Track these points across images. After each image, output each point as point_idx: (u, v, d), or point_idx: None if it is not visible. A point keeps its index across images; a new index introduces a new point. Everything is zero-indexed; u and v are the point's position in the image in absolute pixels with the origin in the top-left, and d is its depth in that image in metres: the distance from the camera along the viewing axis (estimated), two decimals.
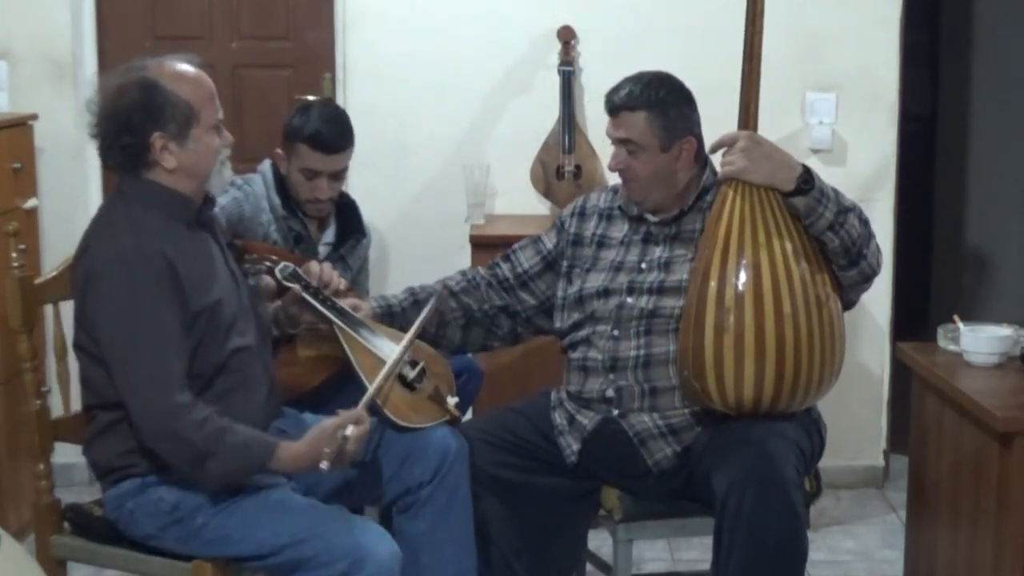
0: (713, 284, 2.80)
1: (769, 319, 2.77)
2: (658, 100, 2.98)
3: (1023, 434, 2.81)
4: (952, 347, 3.25)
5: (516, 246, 3.23)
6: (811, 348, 2.81)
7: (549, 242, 3.19)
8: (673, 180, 3.02)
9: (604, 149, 4.28)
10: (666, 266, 2.99)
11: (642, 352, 2.95)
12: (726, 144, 2.88)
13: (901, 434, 4.10)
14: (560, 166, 4.30)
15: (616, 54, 4.38)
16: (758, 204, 2.83)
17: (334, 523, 2.61)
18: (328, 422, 2.66)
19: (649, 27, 4.38)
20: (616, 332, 2.98)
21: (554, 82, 4.31)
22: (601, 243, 3.11)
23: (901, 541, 3.56)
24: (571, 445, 3.01)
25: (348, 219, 3.69)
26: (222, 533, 2.64)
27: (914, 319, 5.23)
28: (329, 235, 3.64)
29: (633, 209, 3.08)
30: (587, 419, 3.00)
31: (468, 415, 3.71)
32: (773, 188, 2.82)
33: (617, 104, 3.00)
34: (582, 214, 3.18)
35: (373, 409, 2.83)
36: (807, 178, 2.82)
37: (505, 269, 3.19)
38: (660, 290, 2.97)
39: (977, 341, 3.16)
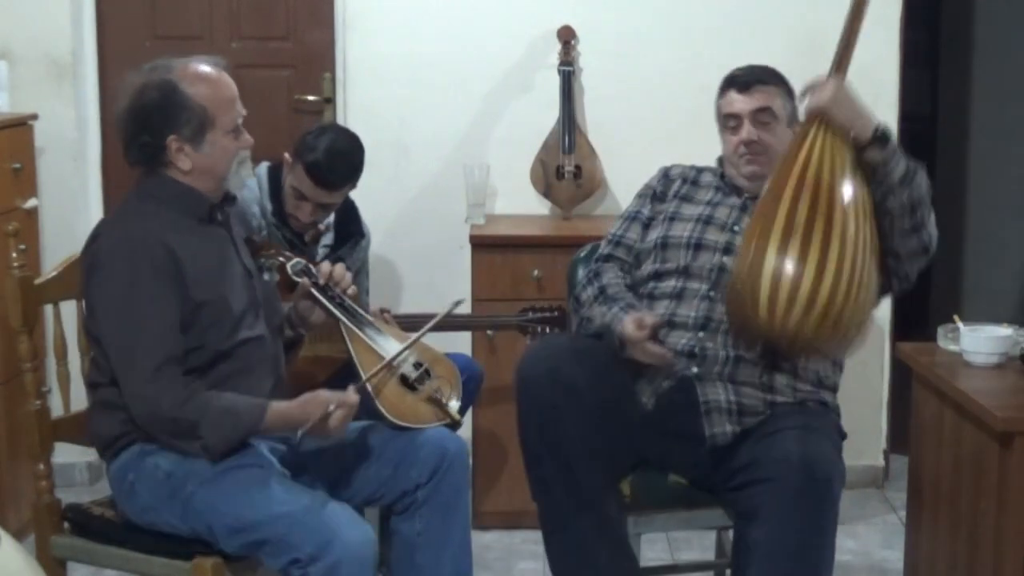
0: (786, 203, 2.78)
1: (835, 241, 2.73)
2: (783, 81, 3.14)
3: (1023, 434, 2.82)
4: (952, 347, 3.25)
5: (620, 231, 3.20)
6: (860, 289, 2.76)
7: (646, 210, 3.20)
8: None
9: (604, 149, 4.32)
10: None
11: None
12: (816, 85, 2.91)
13: (901, 434, 4.10)
14: (560, 166, 4.30)
15: (616, 54, 4.40)
16: (836, 144, 2.83)
17: (308, 505, 2.62)
18: (322, 393, 2.72)
19: (649, 27, 4.38)
20: (713, 293, 2.98)
21: (554, 82, 4.31)
22: (685, 198, 3.16)
23: (901, 541, 3.56)
24: (644, 392, 2.99)
25: (347, 221, 3.69)
26: (209, 503, 2.66)
27: (914, 319, 5.23)
28: (328, 237, 3.64)
29: (741, 181, 3.10)
30: (662, 376, 2.98)
31: (468, 416, 3.72)
32: (851, 132, 2.83)
33: (750, 79, 3.10)
34: (667, 177, 3.23)
35: (366, 403, 2.83)
36: (883, 134, 2.84)
37: (625, 253, 3.19)
38: None
39: (977, 341, 3.16)
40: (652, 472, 3.02)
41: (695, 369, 2.95)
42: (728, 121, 3.11)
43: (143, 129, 2.72)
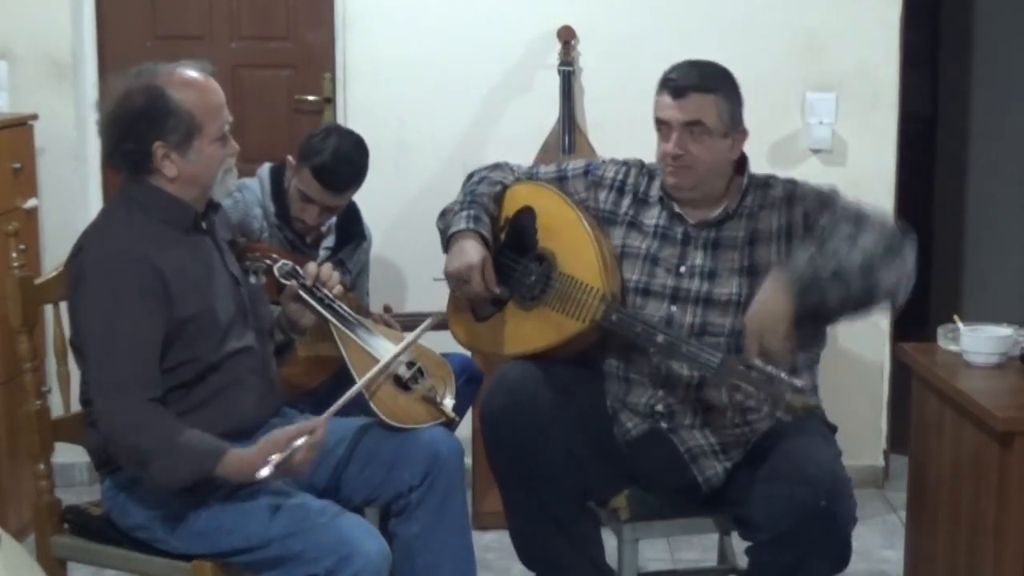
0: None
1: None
2: (726, 83, 2.89)
3: (1023, 434, 2.82)
4: (952, 347, 3.25)
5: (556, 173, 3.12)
6: None
7: (575, 192, 3.07)
8: (724, 172, 2.92)
9: (604, 149, 4.31)
10: (711, 276, 2.90)
11: (696, 373, 2.85)
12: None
13: (901, 434, 4.10)
14: None
15: (616, 54, 4.39)
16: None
17: (324, 519, 2.60)
18: (281, 431, 2.62)
19: (649, 27, 4.38)
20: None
21: (554, 82, 4.31)
22: (632, 225, 3.01)
23: (901, 541, 3.56)
24: (625, 429, 2.97)
25: (348, 222, 3.68)
26: (214, 525, 2.64)
27: (914, 319, 5.23)
28: (329, 239, 3.63)
29: (674, 206, 2.96)
30: (632, 423, 2.96)
31: (468, 416, 3.71)
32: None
33: (686, 85, 2.85)
34: (620, 190, 3.05)
35: (361, 404, 2.82)
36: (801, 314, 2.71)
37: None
38: (707, 301, 2.89)
39: (977, 341, 3.15)
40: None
41: (664, 425, 2.93)
42: (659, 126, 2.90)
43: (128, 135, 2.66)
